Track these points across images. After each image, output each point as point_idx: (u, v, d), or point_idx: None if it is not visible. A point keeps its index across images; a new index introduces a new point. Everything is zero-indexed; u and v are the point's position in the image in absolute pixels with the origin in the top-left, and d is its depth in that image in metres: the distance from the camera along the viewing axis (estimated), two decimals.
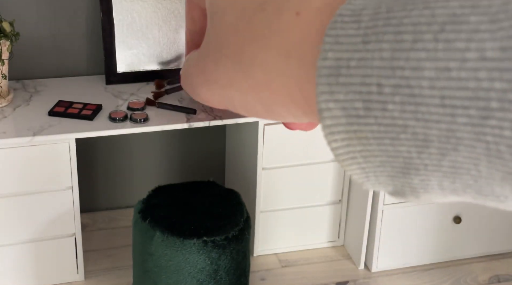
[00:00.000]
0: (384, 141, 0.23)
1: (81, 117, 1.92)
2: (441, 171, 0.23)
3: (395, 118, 0.23)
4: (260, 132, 2.07)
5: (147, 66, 2.18)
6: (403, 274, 2.28)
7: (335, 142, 0.25)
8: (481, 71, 0.20)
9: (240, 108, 0.30)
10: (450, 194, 0.24)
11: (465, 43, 0.21)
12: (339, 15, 0.24)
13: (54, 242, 2.01)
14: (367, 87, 0.23)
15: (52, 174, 1.92)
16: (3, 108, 1.96)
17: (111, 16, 2.10)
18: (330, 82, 0.24)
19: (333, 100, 0.24)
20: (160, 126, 1.92)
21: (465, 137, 0.21)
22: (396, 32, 0.22)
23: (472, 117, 0.21)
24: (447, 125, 0.21)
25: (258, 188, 2.16)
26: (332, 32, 0.24)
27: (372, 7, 0.23)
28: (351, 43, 0.23)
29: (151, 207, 1.90)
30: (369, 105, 0.23)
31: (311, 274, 2.26)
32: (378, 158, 0.24)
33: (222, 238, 1.81)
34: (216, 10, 0.30)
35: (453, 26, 0.21)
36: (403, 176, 0.24)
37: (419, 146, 0.23)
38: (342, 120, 0.24)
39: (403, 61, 0.22)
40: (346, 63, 0.23)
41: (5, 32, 1.90)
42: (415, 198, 0.25)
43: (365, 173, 0.25)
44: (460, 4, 0.21)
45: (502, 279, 2.28)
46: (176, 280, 1.82)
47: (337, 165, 2.21)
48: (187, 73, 0.33)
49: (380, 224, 2.19)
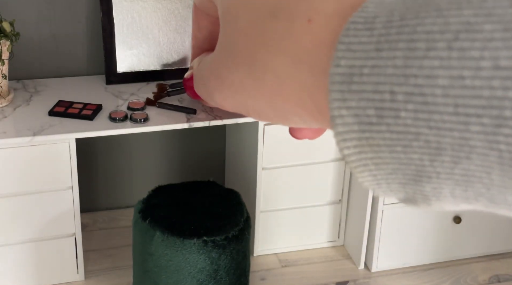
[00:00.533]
0: (396, 148, 0.23)
1: (81, 117, 1.91)
2: (453, 179, 0.23)
3: (407, 125, 0.23)
4: (260, 132, 2.07)
5: (147, 66, 2.18)
6: (403, 274, 2.28)
7: (347, 149, 0.25)
8: (495, 79, 0.20)
9: (253, 113, 0.30)
10: (462, 202, 0.24)
11: (479, 52, 0.21)
12: (352, 23, 0.24)
13: (54, 242, 2.01)
14: (380, 94, 0.23)
15: (52, 174, 1.91)
16: (3, 108, 1.96)
17: (111, 16, 2.10)
18: (343, 89, 0.24)
19: (345, 107, 0.24)
20: (160, 126, 1.92)
21: (478, 145, 0.21)
22: (409, 40, 0.22)
23: (486, 126, 0.21)
24: (460, 133, 0.21)
25: (258, 188, 2.16)
26: (345, 39, 0.24)
27: (385, 15, 0.23)
28: (364, 50, 0.23)
29: (151, 207, 1.90)
30: (382, 113, 0.23)
31: (311, 274, 2.26)
32: (390, 165, 0.24)
33: (222, 238, 1.81)
34: (228, 17, 0.30)
35: (467, 34, 0.21)
36: (415, 183, 0.24)
37: (432, 154, 0.23)
38: (355, 127, 0.24)
39: (417, 69, 0.22)
40: (359, 70, 0.24)
41: (5, 32, 1.90)
42: (427, 206, 0.25)
43: (377, 180, 0.25)
44: (474, 12, 0.21)
45: (502, 279, 2.28)
46: (176, 280, 1.82)
47: (337, 165, 2.21)
48: (201, 78, 0.33)
49: (380, 224, 2.19)
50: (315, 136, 0.32)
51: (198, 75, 0.33)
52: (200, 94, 0.34)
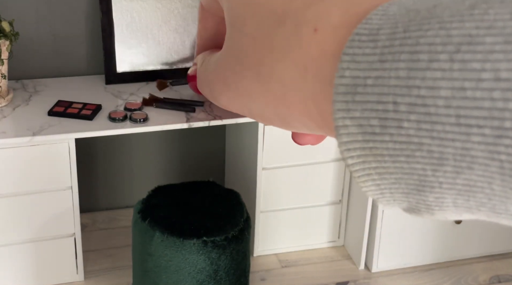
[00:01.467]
0: (399, 158, 0.24)
1: (80, 117, 1.91)
2: (456, 189, 0.23)
3: (410, 136, 0.23)
4: (260, 132, 2.07)
5: (147, 66, 2.18)
6: (403, 274, 2.28)
7: (351, 158, 0.25)
8: (496, 91, 0.21)
9: (258, 117, 0.30)
10: (464, 212, 0.24)
11: (480, 64, 0.21)
12: (356, 34, 0.25)
13: (54, 242, 2.01)
14: (383, 105, 0.23)
15: (51, 174, 1.91)
16: (3, 108, 1.96)
17: (111, 16, 2.09)
18: (347, 100, 0.24)
19: (349, 117, 0.24)
20: (160, 126, 1.92)
21: (479, 155, 0.22)
22: (412, 51, 0.23)
23: (487, 136, 0.21)
24: (462, 143, 0.22)
25: (258, 188, 2.16)
26: (350, 50, 0.24)
27: (388, 27, 0.24)
28: (368, 61, 0.24)
29: (150, 207, 1.90)
30: (385, 123, 0.23)
31: (311, 274, 2.26)
32: (393, 175, 0.24)
33: (222, 238, 1.81)
34: (235, 20, 0.30)
35: (469, 46, 0.21)
36: (418, 193, 0.24)
37: (434, 164, 0.23)
38: (358, 137, 0.24)
39: (419, 81, 0.22)
40: (363, 81, 0.24)
41: (4, 32, 1.89)
42: (430, 215, 0.25)
43: (380, 190, 0.26)
44: (476, 25, 0.21)
45: (502, 279, 2.28)
46: (176, 280, 1.82)
47: (337, 165, 2.21)
48: (205, 79, 0.33)
49: (380, 224, 2.19)
50: (317, 142, 0.33)
51: (202, 75, 0.34)
52: (204, 94, 0.34)
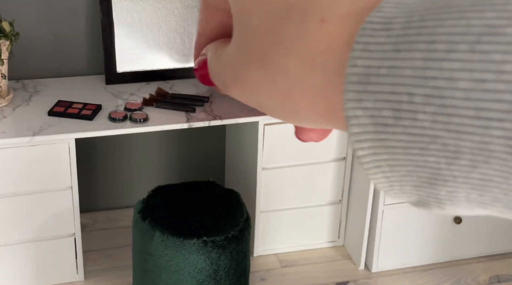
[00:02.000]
0: (412, 151, 0.23)
1: (80, 117, 1.91)
2: (470, 183, 0.23)
3: (425, 128, 0.22)
4: (260, 132, 2.07)
5: (146, 66, 2.18)
6: (403, 274, 2.28)
7: (362, 150, 0.25)
8: None
9: (267, 111, 0.30)
10: (476, 207, 0.24)
11: (502, 55, 0.20)
12: (368, 23, 0.24)
13: (54, 242, 2.01)
14: (397, 96, 0.23)
15: (51, 174, 1.91)
16: (3, 108, 1.96)
17: (111, 16, 2.09)
18: (359, 90, 0.24)
19: (361, 108, 0.24)
20: (160, 126, 1.92)
21: (498, 150, 0.21)
22: (429, 41, 0.22)
23: (507, 130, 0.21)
24: (480, 137, 0.21)
25: (258, 188, 2.16)
26: (362, 39, 0.24)
27: (403, 16, 0.23)
28: (381, 51, 0.23)
29: (151, 207, 1.90)
30: (399, 114, 0.23)
31: (311, 274, 2.25)
32: (405, 167, 0.24)
33: (222, 238, 1.81)
34: (241, 13, 0.30)
35: (490, 37, 0.21)
36: (430, 186, 0.24)
37: (449, 157, 0.22)
38: (370, 128, 0.24)
39: (436, 71, 0.22)
40: (375, 71, 0.23)
41: (4, 32, 1.89)
42: (440, 210, 0.25)
43: (390, 182, 0.25)
44: (497, 15, 0.21)
45: (502, 279, 2.28)
46: (176, 280, 1.82)
47: (337, 165, 2.21)
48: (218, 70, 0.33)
49: (380, 224, 2.19)
50: (320, 139, 0.32)
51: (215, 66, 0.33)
52: (217, 85, 0.33)
